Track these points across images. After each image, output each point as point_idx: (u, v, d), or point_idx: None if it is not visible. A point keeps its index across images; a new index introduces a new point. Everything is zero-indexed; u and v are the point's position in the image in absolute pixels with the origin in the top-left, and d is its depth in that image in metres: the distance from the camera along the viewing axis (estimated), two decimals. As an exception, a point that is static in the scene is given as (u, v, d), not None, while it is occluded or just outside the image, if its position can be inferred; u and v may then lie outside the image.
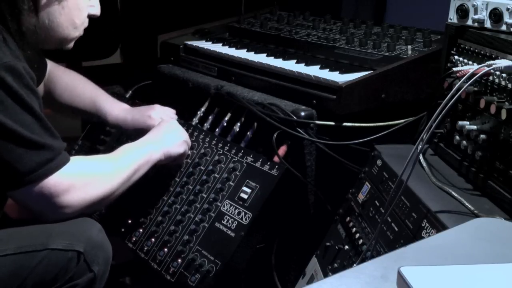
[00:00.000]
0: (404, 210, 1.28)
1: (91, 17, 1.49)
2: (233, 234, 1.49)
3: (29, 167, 1.26)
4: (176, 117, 1.81)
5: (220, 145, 1.67)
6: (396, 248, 1.07)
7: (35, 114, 1.26)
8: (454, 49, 1.44)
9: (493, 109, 1.22)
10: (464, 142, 1.34)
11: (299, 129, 1.62)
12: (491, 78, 1.26)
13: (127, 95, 2.11)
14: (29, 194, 1.29)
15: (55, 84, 1.81)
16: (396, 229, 1.29)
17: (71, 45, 1.49)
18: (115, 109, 1.81)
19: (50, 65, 1.80)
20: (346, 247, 1.46)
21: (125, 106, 1.83)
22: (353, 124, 1.64)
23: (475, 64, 1.33)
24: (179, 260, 1.54)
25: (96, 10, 1.49)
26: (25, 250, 1.32)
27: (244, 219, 1.49)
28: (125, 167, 1.48)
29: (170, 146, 1.60)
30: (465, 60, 1.39)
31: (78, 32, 1.47)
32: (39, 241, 1.33)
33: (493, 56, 1.28)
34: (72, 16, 1.41)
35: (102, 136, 1.99)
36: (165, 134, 1.62)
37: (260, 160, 1.56)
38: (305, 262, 1.61)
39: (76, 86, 1.82)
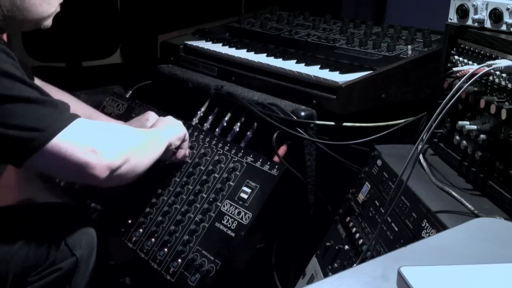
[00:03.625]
0: (404, 210, 1.28)
1: None
2: (233, 234, 1.49)
3: (42, 122, 1.22)
4: None
5: (220, 145, 1.67)
6: (396, 248, 1.07)
7: (24, 81, 1.24)
8: (454, 49, 1.44)
9: (493, 109, 1.22)
10: (464, 142, 1.34)
11: (299, 129, 1.62)
12: (491, 78, 1.26)
13: (127, 95, 2.11)
14: (54, 152, 1.23)
15: None
16: (396, 229, 1.29)
17: (49, 22, 1.44)
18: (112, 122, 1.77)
19: (40, 82, 1.76)
20: (346, 247, 1.46)
21: (120, 122, 1.79)
22: (353, 124, 1.64)
23: (475, 64, 1.33)
24: (179, 260, 1.54)
25: None
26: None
27: (244, 219, 1.49)
28: (140, 134, 1.48)
29: (175, 132, 1.61)
30: (465, 60, 1.39)
31: (53, 8, 1.42)
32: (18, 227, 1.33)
33: (493, 56, 1.28)
34: None
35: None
36: (166, 125, 1.63)
37: (260, 160, 1.56)
38: (305, 262, 1.61)
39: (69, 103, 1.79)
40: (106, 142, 1.32)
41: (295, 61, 1.84)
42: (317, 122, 1.64)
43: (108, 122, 1.50)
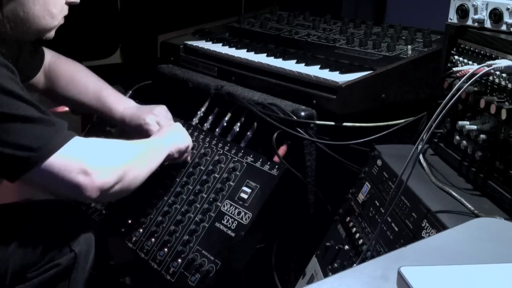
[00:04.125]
0: (404, 210, 1.28)
1: (70, 5, 1.44)
2: (233, 234, 1.49)
3: (37, 142, 1.23)
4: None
5: (220, 145, 1.67)
6: (396, 248, 1.07)
7: (23, 98, 1.25)
8: (454, 49, 1.44)
9: (493, 109, 1.22)
10: (464, 142, 1.34)
11: (299, 129, 1.62)
12: (491, 78, 1.26)
13: (127, 95, 2.10)
14: (48, 172, 1.25)
15: (57, 76, 1.77)
16: (396, 229, 1.29)
17: (51, 34, 1.44)
18: (120, 105, 1.77)
19: (51, 55, 1.77)
20: (346, 247, 1.46)
21: (128, 104, 1.80)
22: (353, 124, 1.64)
23: (475, 64, 1.33)
24: (179, 260, 1.54)
25: None
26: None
27: (244, 219, 1.49)
28: (138, 147, 1.49)
29: (177, 142, 1.61)
30: (465, 60, 1.39)
31: (56, 21, 1.42)
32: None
33: (493, 56, 1.28)
34: (47, 6, 1.37)
35: (102, 136, 1.99)
36: (170, 133, 1.63)
37: (260, 160, 1.56)
38: (305, 262, 1.61)
39: (79, 79, 1.78)
40: (99, 162, 1.33)
41: (295, 61, 1.84)
42: (317, 122, 1.64)
43: (105, 139, 1.51)
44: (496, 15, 1.29)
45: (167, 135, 1.60)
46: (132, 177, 1.41)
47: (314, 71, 1.73)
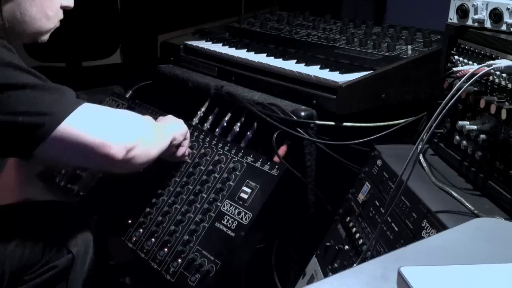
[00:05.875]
0: (404, 210, 1.28)
1: (65, 9, 1.44)
2: (233, 234, 1.49)
3: (50, 107, 1.21)
4: None
5: (220, 145, 1.67)
6: (396, 248, 1.07)
7: (28, 70, 1.25)
8: (454, 49, 1.44)
9: (493, 109, 1.22)
10: (464, 142, 1.34)
11: (299, 129, 1.62)
12: (491, 78, 1.26)
13: (127, 95, 2.11)
14: (65, 137, 1.21)
15: None
16: (396, 229, 1.29)
17: (46, 37, 1.44)
18: None
19: None
20: (346, 247, 1.46)
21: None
22: (353, 124, 1.64)
23: (475, 64, 1.33)
24: (179, 260, 1.54)
25: (69, 2, 1.43)
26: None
27: (244, 219, 1.49)
28: (146, 119, 1.48)
29: (177, 127, 1.61)
30: (465, 60, 1.39)
31: (52, 24, 1.42)
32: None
33: (493, 56, 1.28)
34: (44, 8, 1.37)
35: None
36: (168, 122, 1.63)
37: (260, 160, 1.56)
38: (305, 262, 1.61)
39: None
40: (118, 122, 1.33)
41: (295, 61, 1.84)
42: (317, 122, 1.64)
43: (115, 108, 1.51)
44: (496, 15, 1.29)
45: (167, 122, 1.62)
46: (147, 143, 1.39)
47: (314, 71, 1.73)
